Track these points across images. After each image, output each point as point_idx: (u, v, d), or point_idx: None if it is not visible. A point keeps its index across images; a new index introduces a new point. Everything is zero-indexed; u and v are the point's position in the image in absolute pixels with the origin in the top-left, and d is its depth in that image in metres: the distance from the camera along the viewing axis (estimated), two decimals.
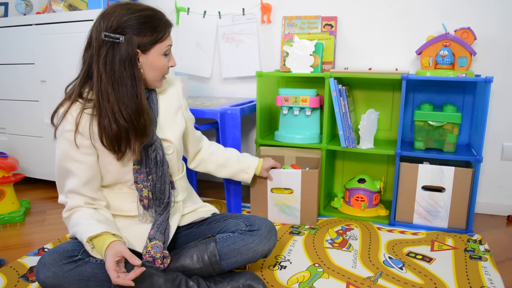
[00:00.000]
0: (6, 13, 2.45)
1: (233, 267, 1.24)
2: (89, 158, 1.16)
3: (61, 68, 2.07)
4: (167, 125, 1.28)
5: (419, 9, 1.92)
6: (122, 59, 1.09)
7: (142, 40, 1.11)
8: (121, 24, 1.09)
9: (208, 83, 2.37)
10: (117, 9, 1.11)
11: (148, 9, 1.15)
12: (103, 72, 1.09)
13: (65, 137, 1.13)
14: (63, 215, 1.18)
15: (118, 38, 1.08)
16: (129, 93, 1.10)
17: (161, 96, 1.29)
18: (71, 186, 1.16)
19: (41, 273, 1.08)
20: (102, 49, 1.09)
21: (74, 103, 1.13)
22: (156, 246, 1.17)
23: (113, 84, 1.09)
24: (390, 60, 2.00)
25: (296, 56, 1.87)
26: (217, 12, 2.24)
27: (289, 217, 1.80)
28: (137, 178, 1.20)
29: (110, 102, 1.09)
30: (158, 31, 1.13)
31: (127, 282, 0.99)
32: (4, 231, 1.78)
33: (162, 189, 1.22)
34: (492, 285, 1.31)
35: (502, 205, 1.94)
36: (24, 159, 2.31)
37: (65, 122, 1.13)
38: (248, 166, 1.61)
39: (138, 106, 1.12)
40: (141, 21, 1.11)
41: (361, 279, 1.34)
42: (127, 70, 1.10)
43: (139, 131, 1.13)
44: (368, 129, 1.79)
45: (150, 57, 1.15)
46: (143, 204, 1.21)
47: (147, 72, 1.17)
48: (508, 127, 1.89)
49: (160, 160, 1.20)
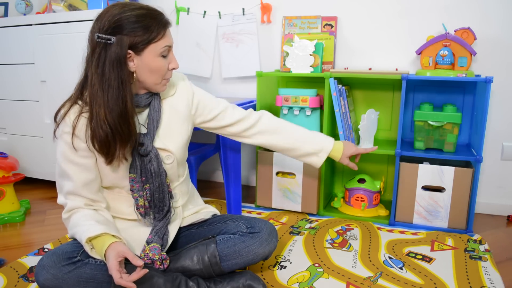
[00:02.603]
0: (6, 13, 2.45)
1: (233, 268, 1.24)
2: (87, 160, 1.15)
3: (61, 68, 2.07)
4: (170, 134, 1.23)
5: (419, 9, 1.92)
6: (111, 60, 1.06)
7: (134, 40, 1.07)
8: (112, 24, 1.06)
9: (208, 83, 2.37)
10: (110, 9, 1.09)
11: (143, 8, 1.10)
12: (95, 74, 1.07)
13: (63, 139, 1.13)
14: (63, 216, 1.18)
15: (110, 39, 1.05)
16: (114, 96, 1.06)
17: (166, 101, 1.24)
18: (70, 187, 1.16)
19: (40, 276, 1.07)
20: (96, 50, 1.07)
21: (74, 105, 1.13)
22: (154, 248, 1.16)
23: (102, 86, 1.06)
24: (390, 60, 2.00)
25: (296, 56, 1.87)
26: (217, 12, 2.24)
27: (292, 203, 1.87)
28: (132, 187, 1.19)
29: (98, 104, 1.07)
30: (151, 30, 1.09)
31: (129, 284, 0.99)
32: (4, 231, 1.78)
33: (161, 198, 1.20)
34: (492, 285, 1.31)
35: (502, 205, 1.94)
36: (24, 159, 2.31)
37: (63, 124, 1.13)
38: (320, 149, 1.42)
39: (123, 111, 1.08)
40: (132, 20, 1.07)
41: (361, 279, 1.34)
42: (115, 71, 1.06)
43: (123, 137, 1.10)
44: (368, 129, 1.79)
45: (145, 58, 1.11)
46: (140, 212, 1.21)
47: (143, 75, 1.13)
48: (508, 127, 1.89)
49: (156, 171, 1.18)
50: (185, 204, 1.34)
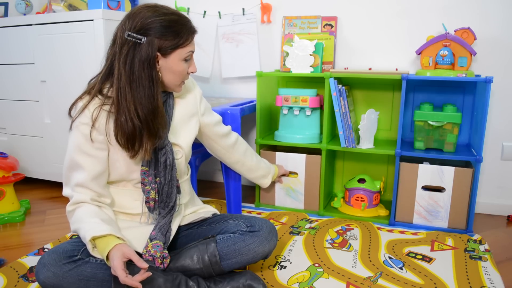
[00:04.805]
0: (6, 13, 2.45)
1: (233, 267, 1.24)
2: (101, 153, 1.17)
3: (61, 68, 2.07)
4: (180, 130, 1.29)
5: (419, 9, 1.92)
6: (141, 60, 1.10)
7: (164, 44, 1.12)
8: (144, 25, 1.10)
9: (208, 83, 2.37)
10: (143, 10, 1.12)
11: (174, 13, 1.15)
12: (123, 71, 1.10)
13: (80, 130, 1.14)
14: (67, 208, 1.18)
15: (140, 39, 1.09)
16: (146, 94, 1.11)
17: (178, 100, 1.31)
18: (80, 179, 1.16)
19: (41, 274, 1.08)
20: (124, 48, 1.10)
21: (94, 98, 1.14)
22: (157, 245, 1.17)
23: (131, 84, 1.10)
24: (390, 60, 2.00)
25: (296, 56, 1.87)
26: (217, 12, 2.25)
27: (294, 201, 1.93)
28: (144, 180, 1.21)
29: (127, 100, 1.10)
30: (180, 36, 1.14)
31: (135, 284, 1.00)
32: (4, 231, 1.78)
33: (169, 193, 1.22)
34: (492, 285, 1.31)
35: (502, 205, 1.94)
36: (24, 159, 2.31)
37: (82, 116, 1.14)
38: (269, 173, 1.78)
39: (154, 108, 1.13)
40: (165, 24, 1.11)
41: (361, 279, 1.34)
42: (146, 71, 1.11)
43: (152, 132, 1.15)
44: (368, 129, 1.79)
45: (170, 61, 1.15)
46: (149, 206, 1.22)
47: (166, 76, 1.18)
48: (508, 127, 1.89)
49: (170, 164, 1.21)
50: (186, 203, 1.36)
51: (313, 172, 1.88)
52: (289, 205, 1.97)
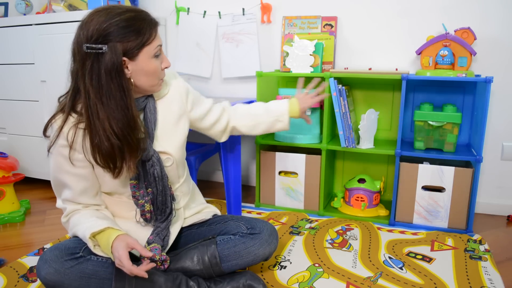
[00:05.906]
0: (6, 13, 2.45)
1: (233, 269, 1.23)
2: (84, 170, 1.12)
3: (61, 68, 2.04)
4: (167, 136, 1.21)
5: (419, 9, 1.92)
6: (107, 70, 1.00)
7: (127, 46, 1.02)
8: (101, 32, 1.00)
9: (208, 83, 2.37)
10: (95, 16, 1.02)
11: (129, 10, 1.05)
12: (90, 87, 1.01)
13: (59, 152, 1.09)
14: (62, 220, 1.17)
15: (101, 48, 0.99)
16: (118, 106, 1.03)
17: (160, 103, 1.21)
18: (68, 195, 1.15)
19: (43, 270, 1.07)
20: (87, 62, 1.01)
21: (68, 118, 1.08)
22: (155, 248, 1.16)
23: (102, 99, 1.01)
24: (390, 60, 2.00)
25: (296, 56, 1.87)
26: (217, 12, 2.24)
27: (294, 201, 1.93)
28: (135, 193, 1.17)
29: (100, 118, 1.02)
30: (143, 33, 1.04)
31: (142, 273, 1.00)
32: (4, 231, 1.78)
33: (164, 201, 1.19)
34: (492, 285, 1.31)
35: (502, 205, 1.94)
36: (24, 159, 2.31)
37: (59, 138, 1.08)
38: (280, 114, 1.48)
39: (129, 119, 1.05)
40: (123, 25, 1.01)
41: (361, 279, 1.34)
42: (115, 81, 1.02)
43: (133, 147, 1.07)
44: (368, 129, 1.79)
45: (140, 62, 1.06)
46: (145, 218, 1.19)
47: (140, 79, 1.09)
48: (508, 127, 1.89)
49: (159, 175, 1.15)
50: (187, 204, 1.33)
51: (313, 172, 1.88)
52: (289, 205, 1.97)
